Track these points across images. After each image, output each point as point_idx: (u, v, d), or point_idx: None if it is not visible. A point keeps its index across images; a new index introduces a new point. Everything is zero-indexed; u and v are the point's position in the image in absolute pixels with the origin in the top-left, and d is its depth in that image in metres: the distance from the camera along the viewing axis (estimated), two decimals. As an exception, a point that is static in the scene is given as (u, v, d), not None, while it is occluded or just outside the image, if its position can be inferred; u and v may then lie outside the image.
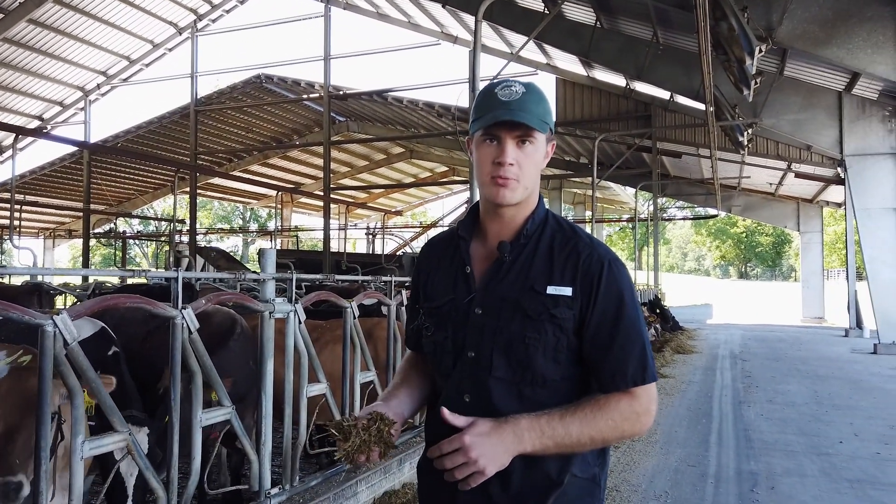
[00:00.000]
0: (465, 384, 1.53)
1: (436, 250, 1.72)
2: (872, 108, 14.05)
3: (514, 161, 1.50)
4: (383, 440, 1.46)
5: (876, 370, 11.18)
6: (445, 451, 1.39)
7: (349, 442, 1.44)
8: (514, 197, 1.53)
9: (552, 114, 1.59)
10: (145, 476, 2.61)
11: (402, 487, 4.35)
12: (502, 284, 1.53)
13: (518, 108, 1.49)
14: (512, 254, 1.55)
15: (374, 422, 1.47)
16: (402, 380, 1.72)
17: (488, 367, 1.50)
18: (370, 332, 4.86)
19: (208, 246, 25.74)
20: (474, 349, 1.52)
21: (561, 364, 1.48)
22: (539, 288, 1.49)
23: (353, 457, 1.44)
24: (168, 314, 2.72)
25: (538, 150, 1.53)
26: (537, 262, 1.53)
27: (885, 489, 4.85)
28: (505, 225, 1.59)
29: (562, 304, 1.47)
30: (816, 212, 25.02)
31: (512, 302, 1.50)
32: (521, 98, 1.51)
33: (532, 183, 1.55)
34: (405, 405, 1.63)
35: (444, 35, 19.46)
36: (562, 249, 1.54)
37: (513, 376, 1.49)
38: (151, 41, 20.66)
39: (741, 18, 9.12)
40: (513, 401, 1.48)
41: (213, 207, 55.15)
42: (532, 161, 1.52)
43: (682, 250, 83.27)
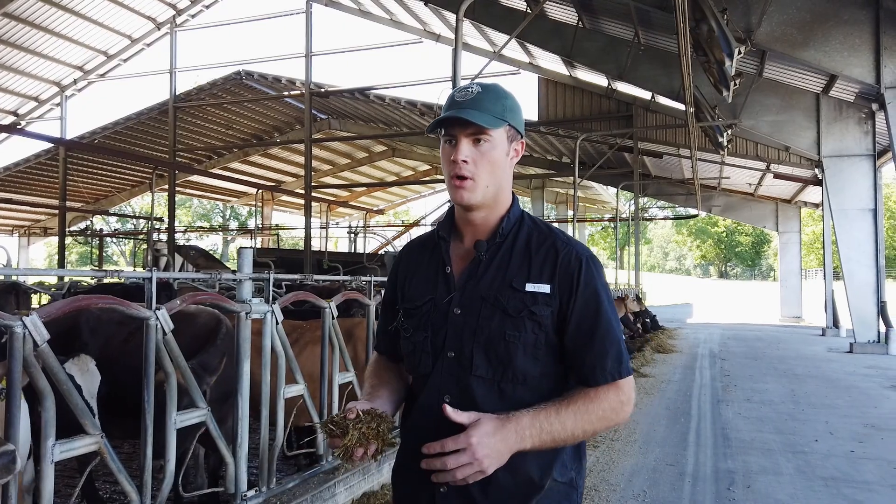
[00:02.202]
0: (445, 384, 1.53)
1: (415, 252, 1.72)
2: (849, 109, 14.25)
3: (469, 158, 1.50)
4: (381, 436, 1.43)
5: (851, 369, 11.34)
6: (449, 450, 1.36)
7: (347, 436, 1.40)
8: (473, 197, 1.52)
9: (517, 111, 1.57)
10: (118, 479, 2.56)
11: (380, 488, 4.33)
12: (480, 283, 1.53)
13: (470, 107, 1.49)
14: (489, 253, 1.55)
15: (372, 418, 1.44)
16: (379, 382, 1.70)
17: (469, 366, 1.50)
18: (350, 332, 4.83)
19: (187, 244, 25.49)
20: (454, 349, 1.52)
21: (540, 361, 1.49)
22: (517, 285, 1.50)
23: (352, 451, 1.40)
24: (141, 315, 2.67)
25: (495, 147, 1.51)
26: (514, 260, 1.53)
27: (859, 487, 4.91)
28: (479, 226, 1.59)
29: (540, 302, 1.49)
30: (795, 212, 25.36)
31: (491, 300, 1.50)
32: (475, 97, 1.51)
33: (493, 181, 1.53)
34: (387, 406, 1.62)
35: (426, 33, 19.44)
36: (539, 247, 1.54)
37: (493, 374, 1.49)
38: (129, 36, 20.41)
39: (721, 20, 9.20)
40: (494, 399, 1.49)
41: (192, 205, 54.67)
42: (488, 159, 1.51)
43: (663, 250, 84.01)
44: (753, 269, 73.12)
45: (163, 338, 2.75)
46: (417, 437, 1.46)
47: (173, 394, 2.82)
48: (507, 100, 1.55)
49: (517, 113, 1.57)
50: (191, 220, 53.85)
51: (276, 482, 3.58)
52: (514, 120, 1.56)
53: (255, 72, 20.39)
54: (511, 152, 1.57)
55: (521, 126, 1.59)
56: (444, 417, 1.46)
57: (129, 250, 45.75)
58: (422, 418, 1.55)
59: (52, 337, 3.96)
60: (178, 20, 19.72)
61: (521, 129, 1.59)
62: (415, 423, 1.57)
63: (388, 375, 1.72)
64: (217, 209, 56.25)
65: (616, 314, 1.54)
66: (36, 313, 2.26)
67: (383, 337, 1.74)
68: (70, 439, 2.36)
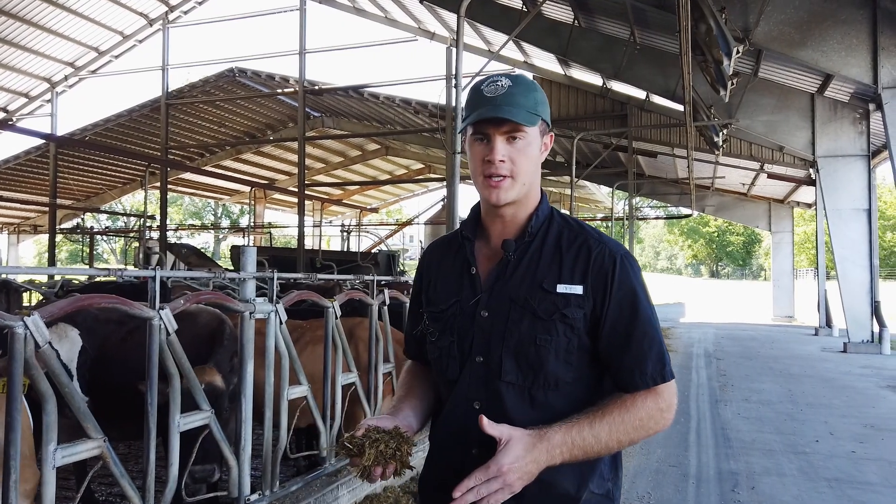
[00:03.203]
0: (474, 390, 1.47)
1: (437, 253, 1.65)
2: (844, 110, 14.27)
3: (506, 157, 1.45)
4: (400, 458, 1.38)
5: (846, 368, 11.36)
6: (482, 480, 1.30)
7: (364, 456, 1.36)
8: (508, 196, 1.47)
9: (545, 103, 1.52)
10: (121, 483, 2.49)
11: (383, 491, 4.27)
12: (509, 285, 1.47)
13: (503, 104, 1.43)
14: (517, 252, 1.49)
15: (391, 437, 1.39)
16: (407, 392, 1.63)
17: (498, 371, 1.44)
18: (352, 332, 4.76)
19: (179, 242, 25.30)
20: (482, 353, 1.46)
21: (573, 366, 1.44)
22: (548, 287, 1.44)
23: (370, 471, 1.36)
24: (145, 315, 2.60)
25: (530, 143, 1.47)
26: (545, 260, 1.48)
27: (863, 488, 4.89)
28: (507, 224, 1.53)
29: (573, 304, 1.43)
30: (787, 212, 25.43)
31: (520, 302, 1.44)
32: (507, 92, 1.45)
33: (529, 178, 1.49)
34: (412, 419, 1.55)
35: (421, 31, 19.35)
36: (570, 246, 1.48)
37: (524, 380, 1.43)
38: (121, 32, 20.21)
39: (719, 19, 9.18)
40: (524, 405, 1.43)
41: (183, 203, 54.36)
42: (525, 156, 1.47)
43: (654, 249, 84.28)
44: (744, 269, 73.46)
45: (166, 338, 2.67)
46: (445, 447, 1.40)
47: (177, 396, 2.75)
48: (538, 93, 1.50)
49: (546, 106, 1.53)
50: (182, 218, 53.54)
51: (279, 485, 3.51)
52: (545, 114, 1.52)
53: (248, 69, 20.21)
54: (542, 147, 1.53)
55: (550, 120, 1.55)
56: (472, 426, 1.40)
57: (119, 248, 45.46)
58: (449, 426, 1.49)
59: None
60: (171, 16, 19.54)
61: (550, 122, 1.55)
62: (442, 431, 1.50)
63: (418, 383, 1.65)
64: (209, 207, 55.93)
65: (655, 314, 1.47)
66: (38, 313, 2.18)
67: (410, 341, 1.68)
68: (72, 444, 2.29)
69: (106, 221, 36.23)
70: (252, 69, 20.29)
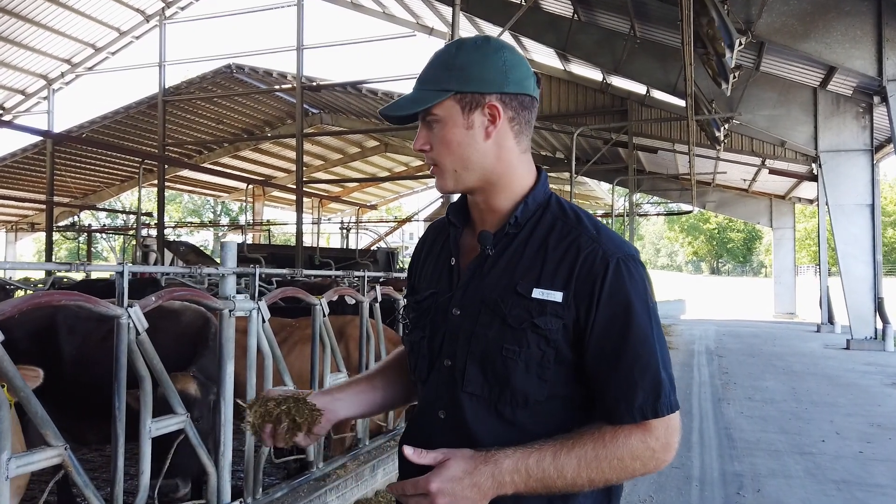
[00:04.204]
0: (439, 397, 1.28)
1: (432, 236, 1.46)
2: (847, 104, 14.09)
3: (427, 145, 1.27)
4: (293, 418, 1.29)
5: (850, 366, 11.20)
6: (409, 493, 1.15)
7: (250, 413, 1.31)
8: (444, 185, 1.28)
9: (475, 68, 1.22)
10: (84, 494, 2.33)
11: (374, 495, 4.11)
12: (484, 283, 1.25)
13: (416, 87, 1.28)
14: (497, 246, 1.26)
15: (286, 400, 1.31)
16: (365, 377, 1.49)
17: (461, 379, 1.24)
18: (342, 330, 4.60)
19: (177, 240, 25.17)
20: (450, 357, 1.26)
21: (548, 382, 1.20)
22: (523, 290, 1.21)
23: (260, 431, 1.30)
24: (111, 313, 2.43)
25: (444, 124, 1.23)
26: (526, 258, 1.24)
27: (872, 490, 4.73)
28: (483, 212, 1.32)
29: (549, 313, 1.19)
30: (789, 208, 25.26)
31: (491, 305, 1.23)
32: (424, 70, 1.28)
33: (460, 163, 1.25)
34: (345, 403, 1.40)
35: (419, 26, 19.18)
36: (559, 243, 1.23)
37: (489, 393, 1.22)
38: (118, 28, 20.04)
39: (721, 11, 9.01)
40: (490, 422, 1.22)
41: (182, 201, 54.25)
42: (439, 141, 1.25)
43: (654, 246, 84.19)
44: (745, 266, 73.36)
45: (136, 338, 2.51)
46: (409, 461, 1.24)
47: (148, 399, 2.58)
48: (459, 59, 1.23)
49: (474, 71, 1.22)
50: (181, 215, 53.43)
51: (262, 492, 3.35)
52: (464, 83, 1.22)
53: (245, 65, 20.05)
54: (478, 122, 1.23)
55: (487, 84, 1.22)
56: (436, 437, 1.24)
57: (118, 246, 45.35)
58: (412, 435, 1.33)
59: (26, 336, 3.73)
60: (168, 12, 19.36)
61: (487, 88, 1.22)
62: (408, 438, 1.33)
63: (389, 370, 1.50)
64: (208, 205, 55.82)
65: (659, 333, 1.21)
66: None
67: None
68: (29, 452, 2.13)
69: (105, 219, 36.12)
70: (249, 65, 20.13)
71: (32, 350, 3.57)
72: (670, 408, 1.18)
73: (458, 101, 1.23)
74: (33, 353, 3.54)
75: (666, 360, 1.20)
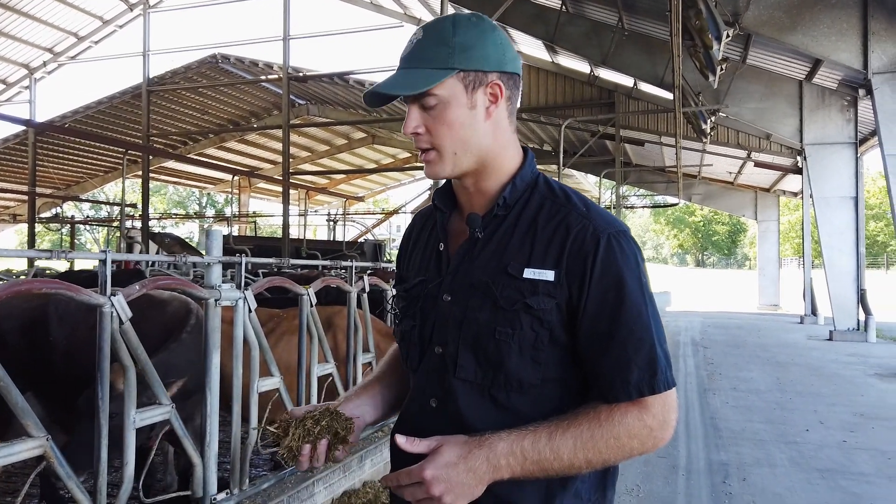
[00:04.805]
0: (431, 385, 1.26)
1: (420, 223, 1.43)
2: (832, 97, 14.18)
3: (421, 128, 1.21)
4: (334, 433, 1.22)
5: (833, 356, 11.32)
6: (404, 484, 1.13)
7: (289, 437, 1.21)
8: (442, 170, 1.23)
9: (477, 45, 1.19)
10: (67, 485, 2.29)
11: (362, 486, 4.10)
12: (474, 266, 1.23)
13: (406, 65, 1.20)
14: (487, 229, 1.24)
15: (322, 415, 1.23)
16: (374, 379, 1.45)
17: (453, 366, 1.22)
18: (329, 321, 4.57)
19: (162, 232, 24.94)
20: (441, 343, 1.24)
21: (542, 364, 1.18)
22: (514, 271, 1.19)
23: (299, 451, 1.20)
24: (94, 301, 2.39)
25: (448, 104, 1.19)
26: (516, 239, 1.22)
27: (855, 479, 4.78)
28: (472, 195, 1.28)
29: (541, 292, 1.17)
30: (773, 201, 25.44)
31: (481, 288, 1.21)
32: (413, 49, 1.20)
33: (461, 146, 1.21)
34: (369, 407, 1.36)
35: (407, 17, 19.07)
36: (548, 222, 1.21)
37: (482, 379, 1.20)
38: (101, 17, 19.75)
39: (709, 2, 9.01)
40: (484, 407, 1.20)
41: (167, 192, 53.80)
42: (442, 122, 1.20)
43: (640, 238, 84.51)
44: (729, 258, 73.90)
45: (119, 327, 2.47)
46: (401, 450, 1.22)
47: (132, 390, 2.54)
48: (458, 36, 1.18)
49: (476, 48, 1.19)
50: (166, 207, 52.98)
51: (249, 483, 3.32)
52: (467, 61, 1.18)
53: (231, 55, 19.84)
54: (481, 101, 1.21)
55: (489, 63, 1.20)
56: (427, 426, 1.22)
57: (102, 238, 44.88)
58: (404, 424, 1.30)
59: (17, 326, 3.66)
60: (151, 1, 19.08)
61: (489, 66, 1.20)
62: (399, 428, 1.31)
63: (389, 370, 1.47)
64: (193, 196, 55.37)
65: (653, 309, 1.19)
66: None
67: None
68: (9, 443, 2.09)
69: (88, 210, 35.74)
70: (235, 55, 19.94)
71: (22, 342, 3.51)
72: (667, 384, 1.16)
73: (461, 80, 1.19)
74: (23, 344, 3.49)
75: (661, 337, 1.18)
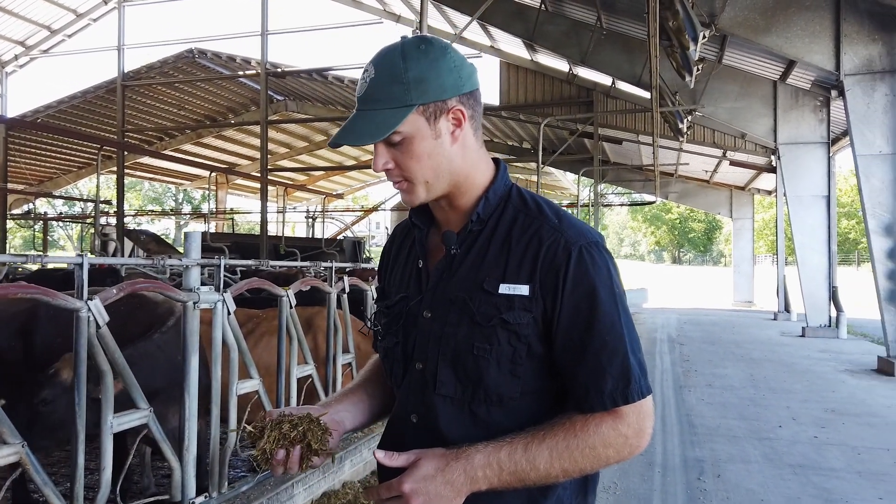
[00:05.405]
0: (412, 401, 1.27)
1: (399, 238, 1.44)
2: (805, 97, 14.42)
3: (391, 164, 1.22)
4: (309, 442, 1.21)
5: (805, 353, 11.53)
6: (384, 497, 1.15)
7: (263, 439, 1.20)
8: (417, 198, 1.25)
9: (433, 74, 1.19)
10: (44, 492, 2.27)
11: (342, 487, 4.10)
12: (451, 282, 1.25)
13: (363, 106, 1.20)
14: (463, 245, 1.25)
15: (300, 421, 1.23)
16: (356, 386, 1.45)
17: (433, 382, 1.23)
18: (309, 321, 4.56)
19: (138, 229, 24.63)
20: (422, 360, 1.26)
21: (521, 378, 1.20)
22: (490, 287, 1.20)
23: (273, 454, 1.19)
24: (70, 306, 2.37)
25: (413, 138, 1.19)
26: (491, 254, 1.23)
27: (826, 474, 4.89)
28: (448, 212, 1.30)
29: (517, 307, 1.19)
30: (748, 199, 25.81)
31: (459, 304, 1.22)
32: (368, 89, 1.20)
33: (432, 173, 1.22)
34: (349, 414, 1.36)
35: (386, 13, 19.01)
36: (521, 235, 1.23)
37: (462, 394, 1.22)
38: (74, 10, 19.42)
39: (686, 3, 9.11)
40: (464, 423, 1.22)
41: (143, 188, 53.10)
42: (410, 156, 1.20)
43: (618, 235, 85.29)
44: (705, 255, 74.83)
45: (96, 331, 2.45)
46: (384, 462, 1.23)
47: (109, 394, 2.53)
48: (411, 70, 1.18)
49: (431, 80, 1.19)
50: (141, 203, 52.30)
51: (227, 486, 3.31)
52: (424, 95, 1.18)
53: (208, 50, 19.63)
54: (445, 128, 1.22)
55: (446, 91, 1.20)
56: (408, 442, 1.23)
57: (76, 235, 44.18)
58: (386, 440, 1.32)
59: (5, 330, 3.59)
60: (126, -6, 18.82)
61: (447, 94, 1.20)
62: (382, 443, 1.33)
63: (371, 379, 1.47)
64: (170, 193, 54.71)
65: (627, 319, 1.21)
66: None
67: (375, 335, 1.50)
68: (-16, 450, 2.07)
69: (62, 207, 35.14)
70: (212, 50, 19.73)
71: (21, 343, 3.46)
72: (641, 393, 1.18)
73: (422, 114, 1.19)
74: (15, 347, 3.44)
75: (635, 346, 1.20)
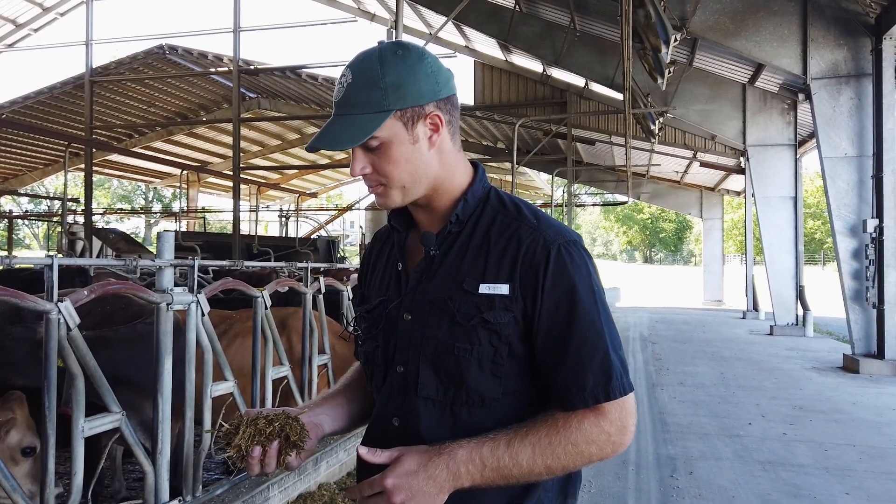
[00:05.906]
0: (393, 405, 1.27)
1: (378, 244, 1.44)
2: (773, 100, 14.70)
3: (367, 168, 1.23)
4: (286, 436, 1.19)
5: (773, 351, 11.76)
6: (366, 495, 1.14)
7: (239, 434, 1.18)
8: (393, 201, 1.26)
9: (411, 80, 1.19)
10: (13, 499, 2.22)
11: (318, 489, 4.07)
12: (431, 284, 1.25)
13: (341, 111, 1.20)
14: (442, 246, 1.26)
15: (275, 418, 1.21)
16: (337, 391, 1.45)
17: (414, 384, 1.23)
18: (284, 322, 4.52)
19: (106, 227, 24.20)
20: (403, 362, 1.25)
21: (502, 378, 1.21)
22: (470, 287, 1.21)
23: (248, 451, 1.17)
24: (40, 308, 2.32)
25: (391, 143, 1.20)
26: (471, 255, 1.24)
27: (795, 470, 4.99)
28: (427, 214, 1.30)
29: (498, 306, 1.19)
30: (718, 200, 26.23)
31: (439, 305, 1.23)
32: (345, 95, 1.20)
33: (409, 178, 1.23)
34: (328, 417, 1.35)
35: (360, 12, 18.93)
36: (500, 236, 1.24)
37: (444, 396, 1.22)
38: (41, 4, 19.01)
39: (658, 7, 9.22)
40: (446, 425, 1.22)
41: (112, 186, 52.15)
42: (388, 161, 1.21)
43: (591, 235, 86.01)
44: (676, 255, 75.88)
45: (66, 334, 2.40)
46: (364, 466, 1.23)
47: (80, 398, 2.48)
48: (388, 76, 1.18)
49: (408, 85, 1.19)
50: (110, 201, 51.36)
51: (202, 489, 3.27)
52: (402, 100, 1.19)
53: (179, 46, 19.33)
54: (422, 133, 1.22)
55: (424, 96, 1.21)
56: (389, 446, 1.22)
57: (42, 233, 43.23)
58: (368, 442, 1.31)
59: None
60: (94, -12, 18.46)
61: (424, 100, 1.21)
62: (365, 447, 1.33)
63: (352, 384, 1.47)
64: (139, 190, 53.80)
65: (607, 316, 1.22)
66: None
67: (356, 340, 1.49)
68: (-49, 457, 2.01)
69: (28, 205, 34.37)
70: (184, 46, 19.44)
71: None
72: (623, 390, 1.18)
73: (399, 119, 1.20)
74: None
75: (616, 343, 1.21)
